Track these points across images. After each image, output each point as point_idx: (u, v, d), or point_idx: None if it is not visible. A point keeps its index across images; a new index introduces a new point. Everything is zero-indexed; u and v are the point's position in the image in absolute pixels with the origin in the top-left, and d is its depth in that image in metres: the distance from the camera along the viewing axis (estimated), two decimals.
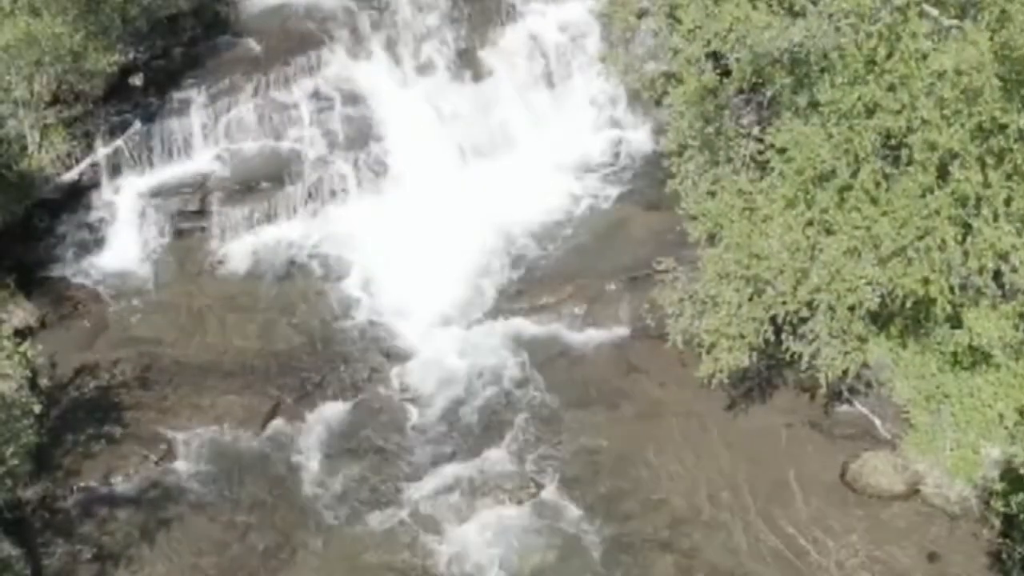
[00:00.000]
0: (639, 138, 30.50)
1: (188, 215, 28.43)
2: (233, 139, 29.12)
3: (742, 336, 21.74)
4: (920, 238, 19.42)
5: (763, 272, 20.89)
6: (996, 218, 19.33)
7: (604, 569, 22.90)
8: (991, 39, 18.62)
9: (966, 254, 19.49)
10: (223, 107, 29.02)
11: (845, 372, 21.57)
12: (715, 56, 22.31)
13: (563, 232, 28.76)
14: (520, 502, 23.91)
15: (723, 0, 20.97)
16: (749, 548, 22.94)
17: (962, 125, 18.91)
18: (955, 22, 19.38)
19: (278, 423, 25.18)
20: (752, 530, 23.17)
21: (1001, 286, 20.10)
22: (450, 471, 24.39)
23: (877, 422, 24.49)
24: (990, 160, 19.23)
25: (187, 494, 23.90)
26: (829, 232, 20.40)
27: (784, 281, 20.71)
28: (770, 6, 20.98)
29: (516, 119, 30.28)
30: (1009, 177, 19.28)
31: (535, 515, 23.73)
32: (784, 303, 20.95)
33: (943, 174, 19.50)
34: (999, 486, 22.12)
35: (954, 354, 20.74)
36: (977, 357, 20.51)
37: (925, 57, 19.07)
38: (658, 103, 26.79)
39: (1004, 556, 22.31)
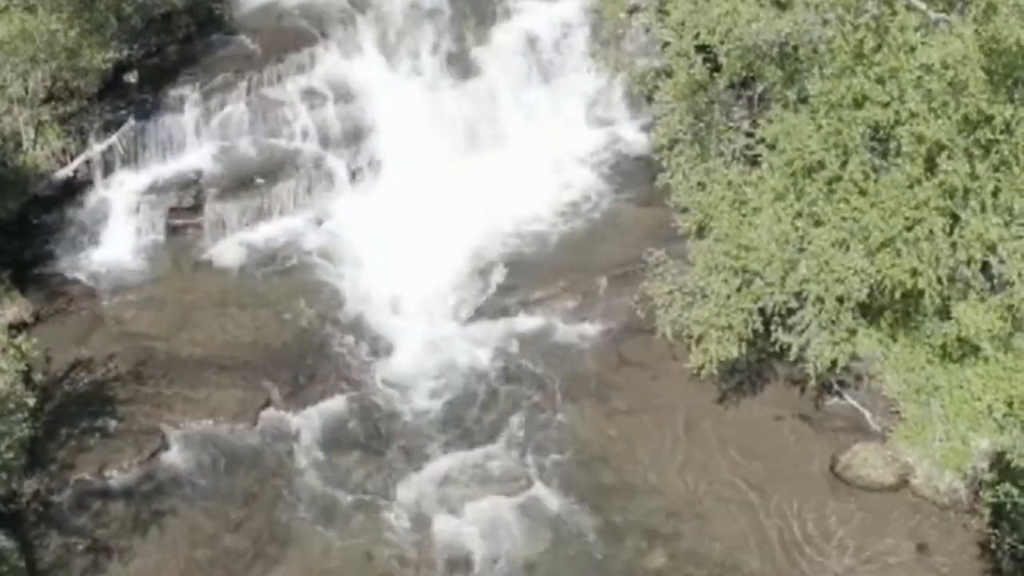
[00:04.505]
0: (631, 134, 30.58)
1: (182, 211, 28.44)
2: (227, 136, 29.11)
3: (731, 327, 21.79)
4: (908, 228, 19.48)
5: (752, 263, 20.95)
6: (983, 209, 19.40)
7: (595, 561, 23.02)
8: (977, 32, 18.74)
9: (954, 245, 19.58)
10: (217, 104, 29.00)
11: (834, 364, 21.60)
12: (705, 49, 22.39)
13: (555, 227, 28.82)
14: (512, 495, 24.03)
15: None
16: (739, 539, 23.04)
17: (949, 117, 19.00)
18: (942, 15, 19.49)
19: (271, 417, 25.25)
20: (742, 522, 23.26)
21: (989, 279, 20.17)
22: (442, 464, 24.50)
23: (867, 414, 24.59)
24: (977, 152, 19.30)
25: (181, 487, 23.98)
26: (818, 223, 20.44)
27: (772, 272, 20.78)
28: None
29: (509, 115, 30.25)
30: (996, 169, 19.36)
31: (527, 508, 23.85)
32: (772, 294, 21.04)
33: (931, 166, 19.56)
34: (988, 477, 22.20)
35: (943, 346, 20.78)
36: (966, 349, 20.52)
37: (913, 50, 19.17)
38: (649, 99, 26.81)
39: (993, 546, 22.42)
